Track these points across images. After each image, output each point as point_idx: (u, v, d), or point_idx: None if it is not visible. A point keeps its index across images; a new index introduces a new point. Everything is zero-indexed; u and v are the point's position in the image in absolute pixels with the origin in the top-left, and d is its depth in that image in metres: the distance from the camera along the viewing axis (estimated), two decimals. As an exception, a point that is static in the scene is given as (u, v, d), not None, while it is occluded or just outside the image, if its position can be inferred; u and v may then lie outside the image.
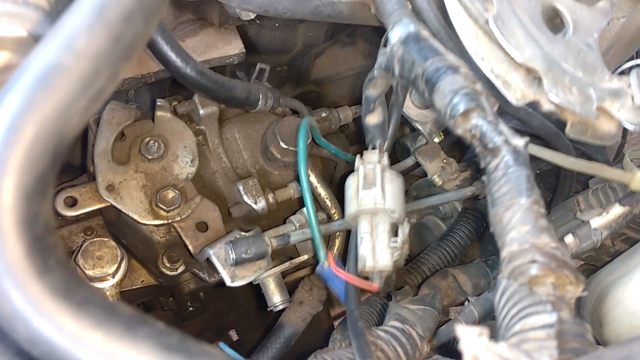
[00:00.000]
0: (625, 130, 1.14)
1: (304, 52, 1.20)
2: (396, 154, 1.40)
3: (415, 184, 1.33)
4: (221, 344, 0.85)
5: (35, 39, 0.45)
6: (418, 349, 0.67)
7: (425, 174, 1.11)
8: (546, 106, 0.57)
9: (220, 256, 0.80)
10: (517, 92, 0.56)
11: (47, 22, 0.45)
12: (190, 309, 1.22)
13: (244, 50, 1.01)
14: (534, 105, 0.58)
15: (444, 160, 1.04)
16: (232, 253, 0.78)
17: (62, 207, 0.83)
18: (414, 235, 1.40)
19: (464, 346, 0.34)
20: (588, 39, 0.63)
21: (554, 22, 0.65)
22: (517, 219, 0.47)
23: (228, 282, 0.81)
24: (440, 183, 1.04)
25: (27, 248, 0.31)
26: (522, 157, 0.53)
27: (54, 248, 0.32)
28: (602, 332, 0.69)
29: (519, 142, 0.56)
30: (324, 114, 1.11)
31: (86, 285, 0.33)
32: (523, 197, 0.48)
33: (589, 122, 0.58)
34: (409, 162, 1.12)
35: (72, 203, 0.83)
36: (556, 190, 1.10)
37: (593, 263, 1.02)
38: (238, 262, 0.78)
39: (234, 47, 1.01)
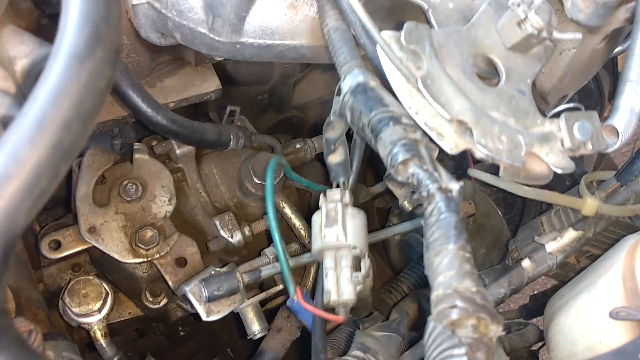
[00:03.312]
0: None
1: (283, 81, 1.25)
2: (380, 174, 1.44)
3: (397, 202, 1.38)
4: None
5: (2, 122, 0.50)
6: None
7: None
8: (478, 154, 0.62)
9: (195, 293, 0.85)
10: (450, 142, 0.61)
11: (14, 106, 0.50)
12: (182, 333, 1.26)
13: (220, 87, 1.06)
14: (468, 152, 0.63)
15: (414, 186, 1.09)
16: (204, 291, 0.83)
17: (47, 251, 0.88)
18: (398, 252, 1.45)
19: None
20: (521, 86, 0.67)
21: (490, 68, 0.70)
22: (444, 264, 0.52)
23: (204, 317, 0.86)
24: (410, 208, 1.08)
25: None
26: (453, 203, 0.57)
27: (8, 328, 0.37)
28: (550, 358, 0.74)
29: (454, 186, 0.60)
30: (298, 145, 1.16)
31: (30, 351, 0.38)
32: (451, 243, 0.53)
33: (520, 166, 0.62)
34: (379, 187, 1.16)
35: (57, 246, 0.89)
36: (524, 209, 1.15)
37: (561, 280, 1.06)
38: (211, 299, 0.83)
39: (210, 85, 1.07)
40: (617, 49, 1.08)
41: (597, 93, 1.55)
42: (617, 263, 0.62)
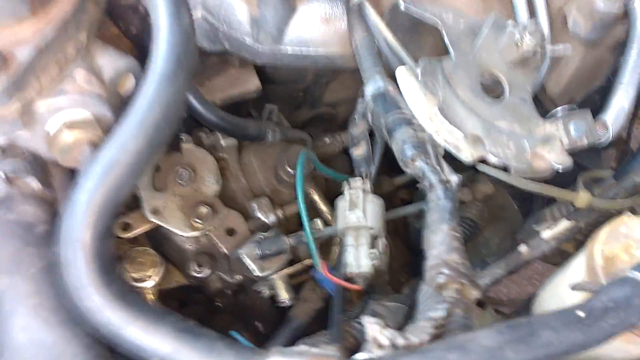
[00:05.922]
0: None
1: (316, 80, 1.38)
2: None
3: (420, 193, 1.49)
4: (233, 333, 1.05)
5: (97, 119, 0.65)
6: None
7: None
8: (491, 161, 0.75)
9: (250, 254, 1.02)
10: (466, 153, 0.74)
11: (106, 106, 0.65)
12: (219, 304, 1.41)
13: (260, 87, 1.21)
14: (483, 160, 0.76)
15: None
16: (258, 250, 1.00)
17: (119, 232, 1.04)
18: (418, 237, 1.57)
19: (368, 331, 0.53)
20: (522, 94, 0.80)
21: (495, 79, 0.82)
22: (437, 240, 0.65)
23: (257, 273, 1.02)
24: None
25: (100, 269, 0.51)
26: (450, 192, 0.70)
27: (114, 266, 0.52)
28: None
29: (454, 178, 0.73)
30: (328, 140, 1.30)
31: (133, 291, 0.53)
32: (445, 224, 0.66)
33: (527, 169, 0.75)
34: (402, 179, 1.29)
35: (126, 227, 1.05)
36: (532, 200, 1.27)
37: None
38: (263, 257, 1.00)
39: (252, 85, 1.22)
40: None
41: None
42: (586, 248, 0.73)
